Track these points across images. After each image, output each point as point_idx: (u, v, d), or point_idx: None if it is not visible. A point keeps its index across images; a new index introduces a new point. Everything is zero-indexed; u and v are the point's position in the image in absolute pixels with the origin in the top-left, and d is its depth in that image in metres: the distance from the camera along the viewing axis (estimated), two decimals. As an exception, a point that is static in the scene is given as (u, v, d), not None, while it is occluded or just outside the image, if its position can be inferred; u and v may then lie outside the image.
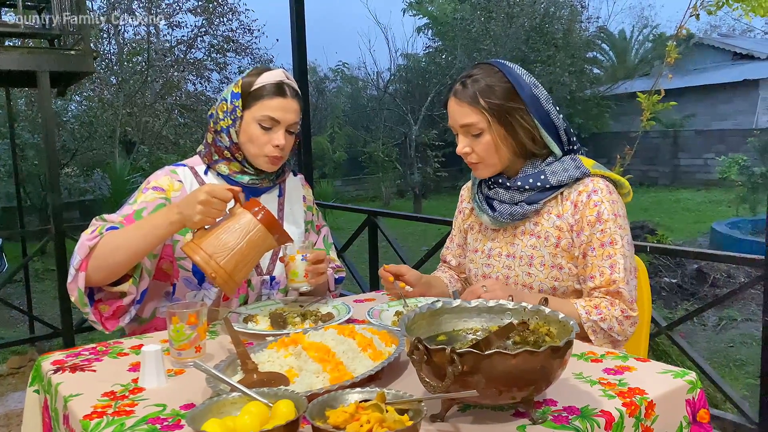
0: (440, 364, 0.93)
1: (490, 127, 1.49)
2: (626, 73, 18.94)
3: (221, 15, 12.57)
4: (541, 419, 0.97)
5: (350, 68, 18.19)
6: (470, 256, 1.69)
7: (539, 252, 1.51)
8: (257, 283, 1.70)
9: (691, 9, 2.30)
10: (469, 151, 1.53)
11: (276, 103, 1.61)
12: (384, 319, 1.50)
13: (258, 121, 1.61)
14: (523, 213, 1.52)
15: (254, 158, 1.65)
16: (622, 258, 1.45)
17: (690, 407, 1.14)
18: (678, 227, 10.03)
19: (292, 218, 1.79)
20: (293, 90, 1.66)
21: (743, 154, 10.97)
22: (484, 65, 1.54)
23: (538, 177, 1.51)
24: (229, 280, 1.37)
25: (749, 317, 5.62)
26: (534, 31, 14.74)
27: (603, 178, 1.52)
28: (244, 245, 1.38)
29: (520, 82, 1.49)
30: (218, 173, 1.69)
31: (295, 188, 1.85)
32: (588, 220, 1.47)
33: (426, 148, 14.94)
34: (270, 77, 1.63)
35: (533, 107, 1.48)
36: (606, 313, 1.43)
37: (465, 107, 1.50)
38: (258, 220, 1.40)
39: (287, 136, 1.65)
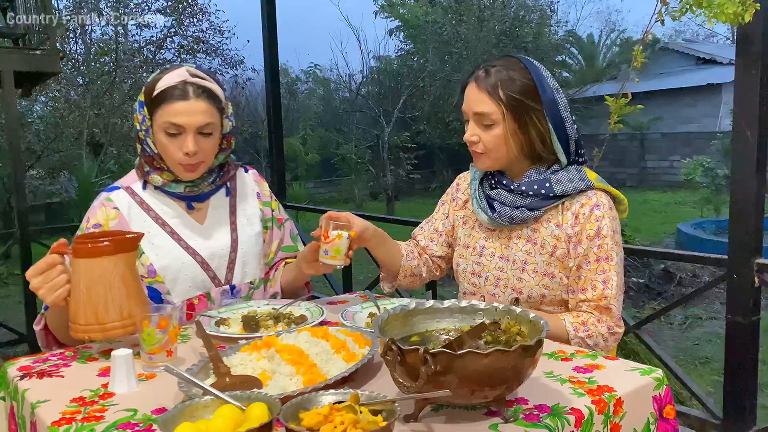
0: (413, 364, 0.93)
1: (503, 120, 1.46)
2: (594, 76, 19.25)
3: (191, 15, 12.44)
4: (513, 418, 0.99)
5: (322, 70, 18.16)
6: (460, 251, 1.66)
7: (533, 258, 1.51)
8: (217, 295, 1.65)
9: (656, 14, 2.35)
10: (477, 140, 1.49)
11: (178, 107, 1.48)
12: (357, 321, 1.50)
13: (163, 129, 1.50)
14: (523, 218, 1.50)
15: (172, 167, 1.56)
16: (616, 275, 1.46)
17: (657, 404, 1.16)
18: (645, 228, 10.22)
19: (245, 219, 1.71)
20: (199, 88, 1.51)
21: (707, 156, 11.24)
22: (512, 58, 1.51)
23: (543, 184, 1.49)
24: (104, 329, 1.29)
25: (714, 315, 5.77)
26: (504, 34, 14.90)
27: (605, 193, 1.52)
28: (84, 290, 1.29)
29: (543, 83, 1.47)
30: (154, 186, 1.61)
31: (247, 185, 1.76)
32: (588, 234, 1.46)
33: (399, 151, 14.98)
34: (169, 80, 1.50)
35: (550, 111, 1.46)
36: (593, 330, 1.44)
37: (483, 95, 1.46)
38: (78, 257, 1.29)
39: (201, 140, 1.52)
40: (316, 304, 1.65)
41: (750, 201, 2.13)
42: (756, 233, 2.16)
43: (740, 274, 2.19)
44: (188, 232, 1.63)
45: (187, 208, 1.65)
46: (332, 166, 16.08)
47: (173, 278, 1.59)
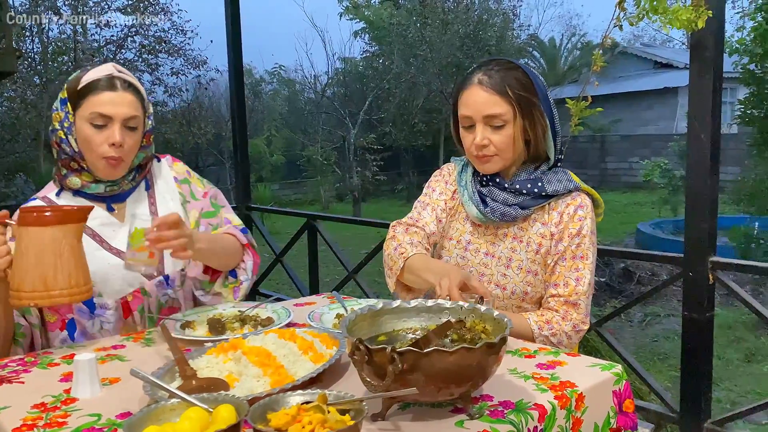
0: (381, 363, 0.95)
1: (514, 120, 1.46)
2: (556, 79, 19.61)
3: (153, 15, 12.23)
4: (478, 414, 1.01)
5: (287, 71, 18.08)
6: (443, 242, 1.64)
7: (519, 256, 1.53)
8: (151, 288, 1.60)
9: (615, 20, 2.42)
10: (488, 143, 1.47)
11: (105, 97, 1.49)
12: (325, 322, 1.50)
13: (89, 121, 1.49)
14: (514, 216, 1.52)
15: (94, 165, 1.53)
16: (589, 273, 1.50)
17: (616, 398, 1.20)
18: (606, 228, 10.44)
19: (166, 208, 1.66)
20: (126, 82, 1.52)
21: (665, 158, 11.57)
22: (501, 59, 1.52)
23: (536, 183, 1.51)
24: (51, 296, 1.31)
25: (671, 313, 5.93)
26: (468, 37, 15.05)
27: (588, 197, 1.56)
28: (32, 258, 1.31)
29: (537, 80, 1.49)
30: (73, 190, 1.58)
31: (163, 173, 1.72)
32: (569, 232, 1.50)
33: (365, 152, 15.01)
34: (96, 73, 1.52)
35: (546, 107, 1.49)
36: (557, 329, 1.47)
37: (494, 96, 1.45)
38: (25, 225, 1.32)
39: (127, 133, 1.51)
40: (282, 306, 1.65)
41: (704, 201, 2.20)
42: (710, 232, 2.24)
43: (695, 271, 2.26)
44: (110, 232, 1.60)
45: (107, 209, 1.61)
46: (298, 167, 16.01)
47: (103, 280, 1.55)
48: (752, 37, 5.15)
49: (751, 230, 5.80)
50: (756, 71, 5.32)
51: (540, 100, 1.48)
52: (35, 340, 1.52)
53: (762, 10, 5.03)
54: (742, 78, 5.51)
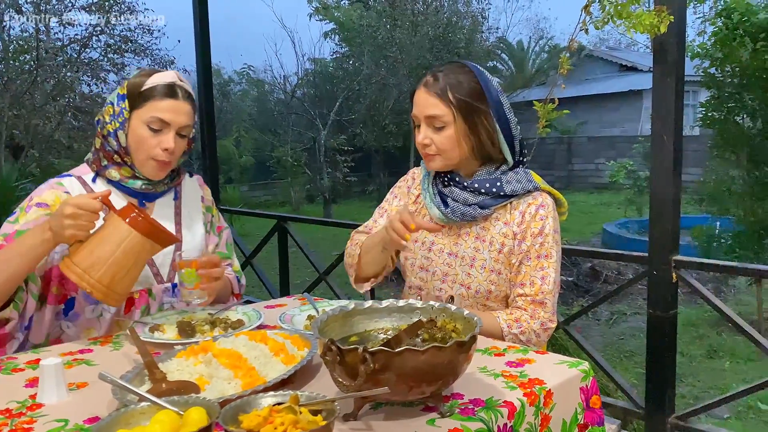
0: (353, 363, 0.95)
1: (454, 122, 1.51)
2: (524, 82, 19.83)
3: (118, 14, 12.01)
4: (449, 412, 1.02)
5: (256, 71, 17.93)
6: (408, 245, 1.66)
7: (482, 255, 1.55)
8: (158, 292, 1.64)
9: (581, 23, 2.47)
10: (429, 143, 1.53)
11: (166, 104, 1.55)
12: (296, 324, 1.50)
13: (146, 123, 1.54)
14: (474, 215, 1.55)
15: (141, 163, 1.58)
16: (554, 272, 1.53)
17: (584, 394, 1.22)
18: (573, 228, 10.61)
19: (189, 221, 1.74)
20: (186, 92, 1.60)
21: (630, 159, 11.80)
22: (457, 63, 1.57)
23: (495, 183, 1.55)
24: (109, 293, 1.35)
25: (637, 311, 6.06)
26: (438, 39, 15.13)
27: (549, 195, 1.60)
28: (120, 255, 1.35)
29: (488, 86, 1.53)
30: (108, 180, 1.61)
31: (193, 190, 1.79)
32: (532, 232, 1.53)
33: (335, 153, 14.97)
34: (161, 78, 1.57)
35: (497, 112, 1.53)
36: (525, 327, 1.49)
37: (433, 98, 1.51)
38: (132, 227, 1.36)
39: (178, 140, 1.58)
40: (253, 308, 1.64)
41: (668, 202, 2.26)
42: (673, 232, 2.30)
43: (659, 270, 2.32)
44: None
45: (138, 204, 1.65)
46: (267, 168, 15.89)
47: None
48: (713, 42, 5.28)
49: (712, 230, 5.95)
50: (716, 75, 5.45)
51: (490, 105, 1.52)
52: (27, 305, 1.50)
53: (722, 15, 5.16)
54: (703, 81, 5.64)
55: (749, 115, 5.36)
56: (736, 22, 5.03)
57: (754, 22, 4.96)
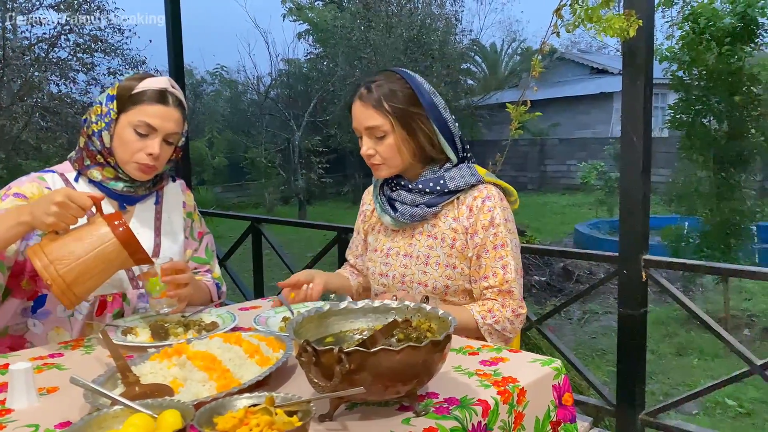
0: (328, 364, 0.95)
1: (393, 130, 1.55)
2: (497, 84, 20.02)
3: (88, 13, 11.81)
4: (424, 411, 1.03)
5: (229, 72, 17.79)
6: (369, 255, 1.75)
7: (435, 252, 1.59)
8: (133, 297, 1.63)
9: (552, 27, 2.50)
10: (373, 153, 1.59)
11: (156, 109, 1.55)
12: (271, 326, 1.50)
13: (134, 127, 1.54)
14: (423, 215, 1.60)
15: (124, 164, 1.58)
16: (513, 260, 1.57)
17: (556, 392, 1.24)
18: (546, 229, 10.74)
19: (169, 227, 1.73)
20: (177, 99, 1.60)
21: (601, 160, 11.98)
22: (388, 72, 1.61)
23: (438, 181, 1.59)
24: (66, 291, 1.32)
25: (608, 310, 6.15)
26: (412, 41, 15.19)
27: (495, 186, 1.64)
28: (92, 257, 1.34)
29: (420, 89, 1.57)
30: (90, 180, 1.61)
31: (175, 195, 1.78)
32: (482, 224, 1.57)
33: (310, 154, 14.92)
34: (153, 83, 1.57)
35: (432, 114, 1.57)
36: (499, 316, 1.53)
37: (370, 110, 1.55)
38: (115, 234, 1.35)
39: (164, 146, 1.59)
40: (227, 310, 1.63)
41: (637, 202, 2.30)
42: (643, 232, 2.34)
43: (630, 269, 2.36)
44: None
45: (119, 207, 1.64)
46: (241, 170, 15.77)
47: None
48: (680, 46, 5.40)
49: (681, 229, 6.07)
50: (684, 78, 5.57)
51: (425, 108, 1.56)
52: None
53: (689, 19, 5.28)
54: (671, 84, 5.75)
55: (715, 117, 5.48)
56: (702, 27, 5.15)
57: (720, 27, 5.08)
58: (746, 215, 5.53)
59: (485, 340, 1.52)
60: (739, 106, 5.30)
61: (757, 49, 5.29)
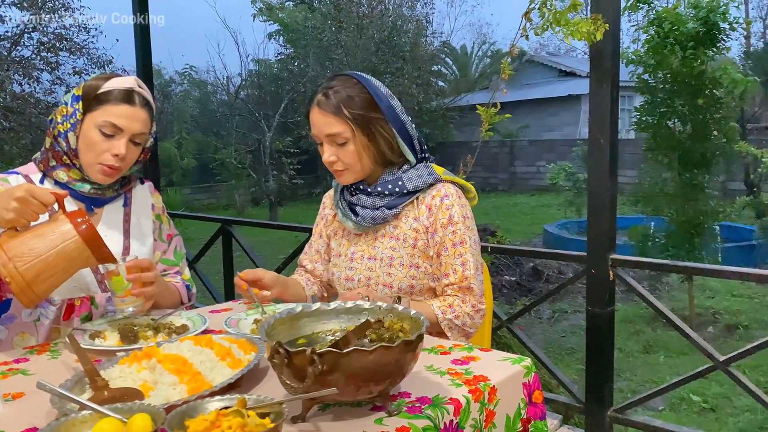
0: (301, 365, 0.95)
1: (354, 137, 1.55)
2: (468, 86, 20.17)
3: (52, 11, 11.56)
4: (397, 411, 1.03)
5: (198, 72, 17.59)
6: (334, 261, 1.75)
7: (398, 253, 1.61)
8: (101, 301, 1.60)
9: (522, 30, 2.54)
10: (335, 160, 1.58)
11: (121, 109, 1.53)
12: (242, 328, 1.49)
13: (99, 127, 1.52)
14: (384, 217, 1.61)
15: (88, 166, 1.55)
16: (471, 256, 1.59)
17: (526, 390, 1.26)
18: (516, 229, 10.85)
19: (139, 230, 1.71)
20: (144, 99, 1.58)
21: (569, 162, 12.14)
22: (343, 77, 1.60)
23: (396, 183, 1.61)
24: (26, 289, 1.29)
25: (577, 309, 6.24)
26: (383, 43, 15.23)
27: (452, 184, 1.66)
28: (53, 255, 1.31)
29: (378, 93, 1.58)
30: (56, 181, 1.58)
31: (143, 197, 1.76)
32: (441, 222, 1.59)
33: (281, 155, 14.82)
34: (119, 83, 1.55)
35: (391, 117, 1.58)
36: (459, 311, 1.56)
37: (330, 117, 1.55)
38: (77, 232, 1.33)
39: (130, 147, 1.56)
40: (198, 313, 1.62)
41: (604, 203, 2.34)
42: (610, 232, 2.38)
43: (597, 269, 2.40)
44: None
45: (86, 210, 1.60)
46: (210, 171, 15.60)
47: None
48: (646, 49, 5.51)
49: (647, 229, 6.19)
50: (650, 81, 5.68)
51: (383, 112, 1.57)
52: None
53: (654, 24, 5.39)
54: (637, 87, 5.86)
55: (680, 119, 5.60)
56: (666, 31, 5.26)
57: (683, 31, 5.20)
58: (710, 215, 5.67)
59: (446, 336, 1.54)
60: (702, 108, 5.43)
61: (718, 53, 5.42)
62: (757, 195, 7.30)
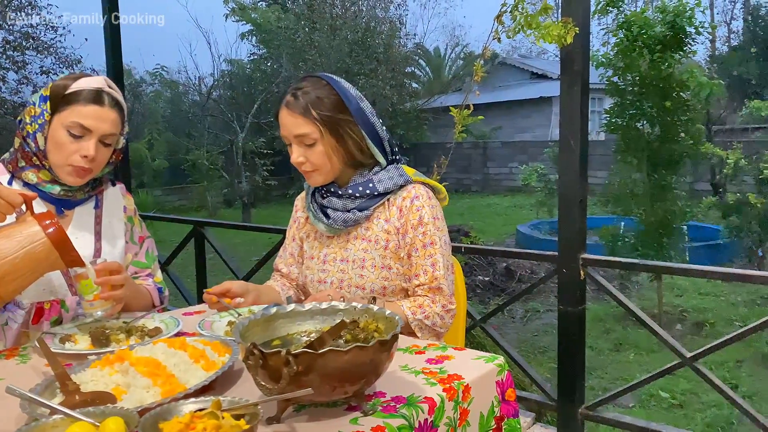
0: (276, 366, 0.95)
1: (322, 138, 1.55)
2: (441, 87, 20.28)
3: (18, 9, 11.32)
4: (372, 410, 1.04)
5: (169, 72, 17.38)
6: (307, 263, 1.74)
7: (370, 255, 1.62)
8: (72, 304, 1.57)
9: (494, 32, 2.57)
10: (304, 161, 1.58)
11: (90, 110, 1.50)
12: (216, 330, 1.48)
13: (67, 128, 1.49)
14: (355, 219, 1.61)
15: (58, 168, 1.53)
16: (441, 256, 1.61)
17: (500, 388, 1.28)
18: (489, 230, 10.94)
19: (110, 232, 1.69)
20: (113, 99, 1.55)
21: (541, 163, 12.30)
22: (312, 78, 1.60)
23: (367, 185, 1.61)
24: None
25: (549, 308, 6.32)
26: (357, 44, 15.22)
27: (423, 185, 1.67)
28: (19, 257, 1.29)
29: (347, 95, 1.58)
30: (25, 183, 1.55)
31: (115, 199, 1.74)
32: (411, 224, 1.60)
33: (254, 156, 14.72)
34: (88, 83, 1.53)
35: (360, 119, 1.58)
36: (429, 311, 1.57)
37: (298, 118, 1.55)
38: (45, 234, 1.31)
39: (100, 148, 1.54)
40: (170, 315, 1.60)
41: (575, 203, 2.38)
42: (580, 232, 2.42)
43: (568, 268, 2.44)
44: None
45: (56, 212, 1.58)
46: (182, 172, 15.41)
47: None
48: (615, 52, 5.61)
49: (617, 229, 6.29)
50: (619, 83, 5.78)
51: (353, 114, 1.57)
52: None
53: (623, 27, 5.49)
54: (607, 89, 5.96)
55: (648, 121, 5.71)
56: (635, 34, 5.36)
57: (651, 35, 5.31)
58: (678, 215, 5.79)
59: (416, 336, 1.56)
60: (670, 111, 5.54)
61: (685, 56, 5.55)
62: (723, 195, 7.48)
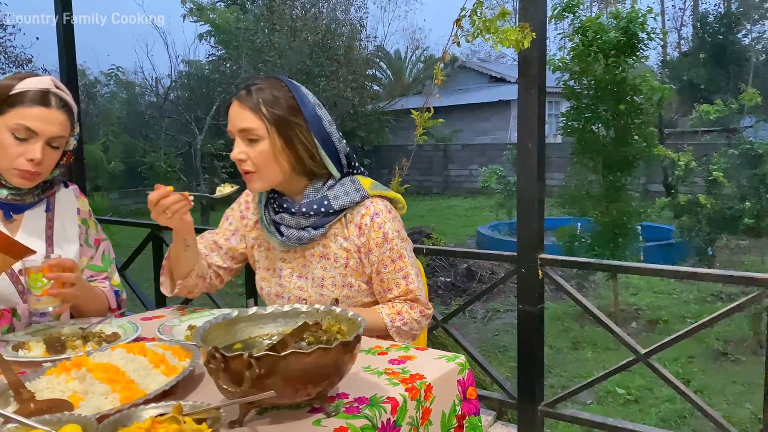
0: (238, 370, 0.95)
1: (268, 136, 1.48)
2: (402, 90, 20.37)
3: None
4: (335, 412, 1.04)
5: (125, 72, 17.00)
6: (261, 274, 1.68)
7: (330, 273, 1.58)
8: (24, 312, 1.53)
9: (453, 36, 2.60)
10: (245, 158, 1.50)
11: (36, 112, 1.45)
12: (176, 335, 1.46)
13: (11, 130, 1.45)
14: (310, 237, 1.55)
15: (4, 171, 1.49)
16: (412, 268, 1.60)
17: (461, 386, 1.30)
18: (450, 231, 11.05)
19: (63, 235, 1.64)
20: (61, 101, 1.51)
21: (500, 165, 12.47)
22: (272, 78, 1.55)
23: (322, 202, 1.54)
24: None
25: (510, 308, 6.41)
26: (317, 46, 15.17)
27: (381, 198, 1.61)
28: None
29: (304, 100, 1.52)
30: None
31: (68, 201, 1.69)
32: (376, 242, 1.55)
33: (213, 159, 14.50)
34: (34, 83, 1.48)
35: (315, 126, 1.51)
36: (407, 318, 1.57)
37: (246, 112, 1.48)
38: None
39: (48, 150, 1.49)
40: (129, 320, 1.58)
41: (533, 204, 2.43)
42: (538, 232, 2.47)
43: (527, 268, 2.48)
44: None
45: (4, 217, 1.54)
46: (139, 175, 15.08)
47: None
48: (571, 57, 5.74)
49: (574, 230, 6.44)
50: (575, 87, 5.92)
51: (306, 120, 1.51)
52: None
53: (578, 32, 5.62)
54: (563, 93, 6.09)
55: (603, 124, 5.86)
56: (590, 39, 5.50)
57: (606, 40, 5.45)
58: (632, 215, 5.95)
59: (393, 339, 1.56)
60: (624, 114, 5.70)
61: (638, 61, 5.71)
62: (675, 196, 7.71)
